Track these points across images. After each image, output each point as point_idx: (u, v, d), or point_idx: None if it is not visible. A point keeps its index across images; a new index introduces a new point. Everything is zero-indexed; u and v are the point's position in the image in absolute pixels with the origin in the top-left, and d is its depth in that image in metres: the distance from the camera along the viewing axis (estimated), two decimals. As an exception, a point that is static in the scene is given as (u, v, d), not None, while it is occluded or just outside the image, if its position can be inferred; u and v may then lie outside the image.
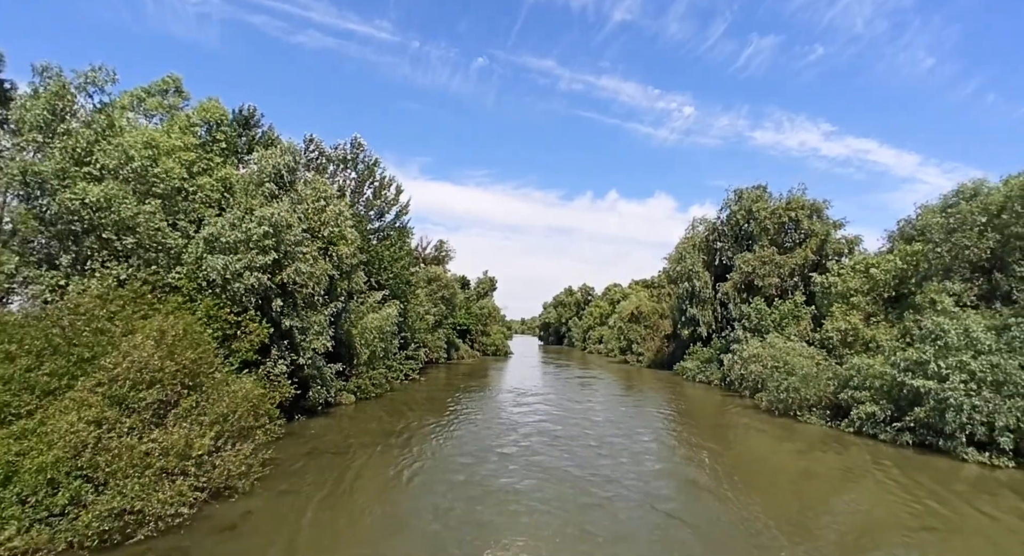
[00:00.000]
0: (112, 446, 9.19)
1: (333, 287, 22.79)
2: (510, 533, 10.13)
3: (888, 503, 12.65)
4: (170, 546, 8.85)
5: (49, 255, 16.81)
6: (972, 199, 23.39)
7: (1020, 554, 9.87)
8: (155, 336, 11.30)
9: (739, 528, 10.78)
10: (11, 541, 7.55)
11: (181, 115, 20.16)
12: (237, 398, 12.33)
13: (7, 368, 9.61)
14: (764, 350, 28.19)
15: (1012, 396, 15.22)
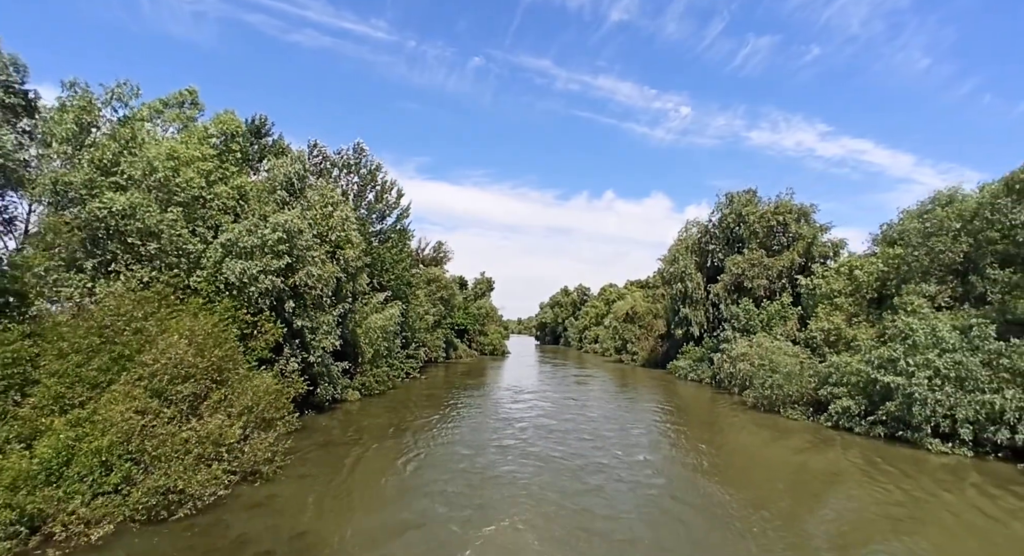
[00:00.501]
0: (157, 433, 10.33)
1: (340, 289, 23.92)
2: (511, 510, 11.31)
3: (861, 486, 13.88)
4: (210, 521, 10.01)
5: (74, 259, 17.89)
6: (947, 205, 24.69)
7: (974, 525, 11.08)
8: (187, 335, 12.43)
9: (724, 506, 12.00)
10: (75, 513, 8.68)
11: (199, 127, 21.28)
12: (259, 392, 13.49)
13: (61, 364, 10.74)
14: (751, 349, 29.45)
15: (972, 391, 16.49)
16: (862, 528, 11.03)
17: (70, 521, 8.55)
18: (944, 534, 10.80)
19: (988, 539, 10.57)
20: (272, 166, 21.20)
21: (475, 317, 67.74)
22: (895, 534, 10.72)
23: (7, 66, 15.80)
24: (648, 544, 9.82)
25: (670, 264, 49.12)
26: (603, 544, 9.76)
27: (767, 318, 33.32)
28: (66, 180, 17.06)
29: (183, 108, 21.80)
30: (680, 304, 46.28)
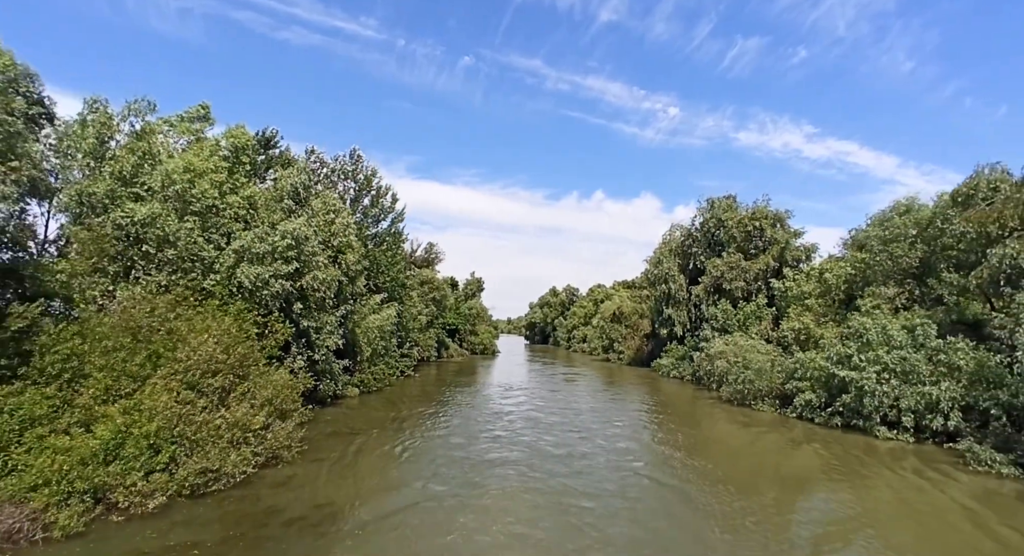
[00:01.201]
0: (194, 420, 11.85)
1: (341, 291, 25.42)
2: (502, 485, 12.98)
3: (816, 466, 15.76)
4: (242, 495, 11.56)
5: (94, 264, 19.22)
6: (905, 214, 26.75)
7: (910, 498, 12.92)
8: (215, 335, 13.94)
9: (695, 483, 13.78)
10: (136, 485, 10.20)
11: (211, 140, 22.64)
12: (277, 386, 15.02)
13: (107, 359, 12.20)
14: (728, 347, 31.37)
15: (914, 383, 18.45)
16: (827, 494, 12.87)
17: (130, 493, 10.06)
18: (879, 496, 12.66)
19: (910, 499, 12.47)
20: (280, 177, 22.64)
21: (466, 317, 69.26)
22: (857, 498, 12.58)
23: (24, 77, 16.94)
24: (625, 515, 11.50)
25: (655, 266, 50.99)
26: (584, 513, 11.46)
27: (743, 318, 35.32)
28: (90, 191, 18.45)
29: (195, 122, 23.15)
30: (664, 305, 48.19)
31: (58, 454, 9.74)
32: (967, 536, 10.67)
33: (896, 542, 10.25)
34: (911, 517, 11.80)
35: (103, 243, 15.76)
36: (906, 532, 10.82)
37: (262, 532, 9.81)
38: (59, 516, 9.09)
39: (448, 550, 9.38)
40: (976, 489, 13.61)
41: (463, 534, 10.06)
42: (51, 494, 9.27)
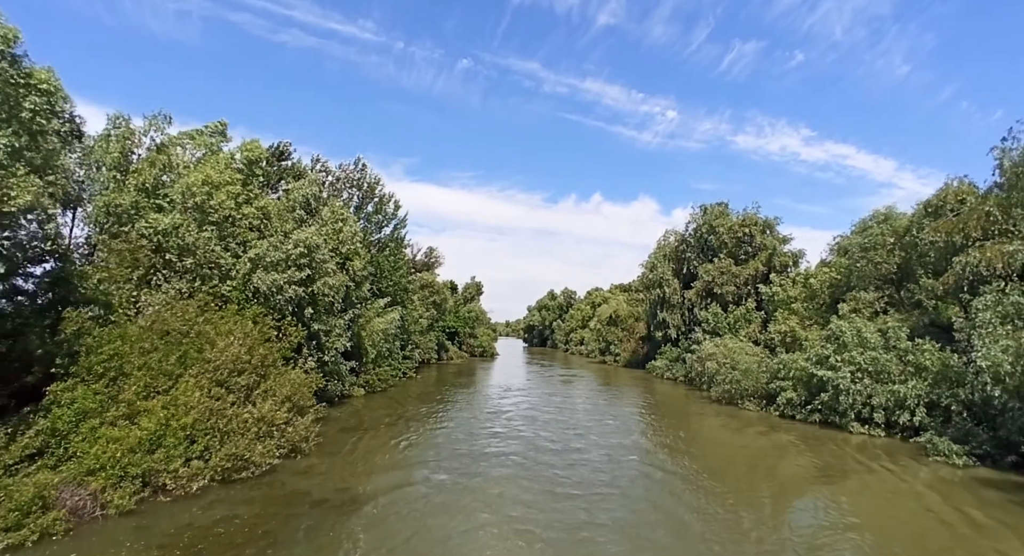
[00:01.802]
0: (225, 414, 13.15)
1: (348, 296, 26.72)
2: (499, 472, 14.29)
3: (793, 459, 17.09)
4: (269, 481, 12.86)
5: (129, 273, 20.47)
6: (883, 223, 28.17)
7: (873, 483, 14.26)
8: (240, 337, 15.24)
9: (682, 472, 15.10)
10: (178, 471, 11.49)
11: (225, 153, 23.95)
12: (295, 384, 16.32)
13: (146, 359, 13.48)
14: (717, 349, 32.71)
15: (885, 382, 19.81)
16: (796, 483, 14.23)
17: (175, 477, 11.36)
18: (847, 483, 14.00)
19: (872, 484, 13.82)
20: (292, 188, 23.97)
21: (465, 320, 70.51)
22: (820, 484, 13.91)
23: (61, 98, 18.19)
24: (613, 500, 12.77)
25: (650, 270, 52.35)
26: (575, 498, 12.77)
27: (733, 321, 36.71)
28: (116, 202, 19.74)
29: (213, 136, 24.47)
30: (658, 308, 49.52)
31: (110, 443, 11.04)
32: (914, 513, 12.04)
33: (855, 517, 11.58)
34: (872, 499, 13.14)
35: (138, 254, 17.00)
36: (866, 510, 12.15)
37: (291, 510, 11.12)
38: (114, 496, 10.39)
39: (452, 526, 10.68)
40: (930, 476, 14.99)
41: (465, 513, 11.37)
42: (107, 477, 10.56)
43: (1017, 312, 16.14)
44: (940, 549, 10.18)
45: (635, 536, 10.46)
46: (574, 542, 10.04)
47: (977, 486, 14.29)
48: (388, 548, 9.48)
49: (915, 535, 10.84)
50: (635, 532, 10.68)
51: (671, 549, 9.98)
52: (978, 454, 15.94)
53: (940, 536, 10.85)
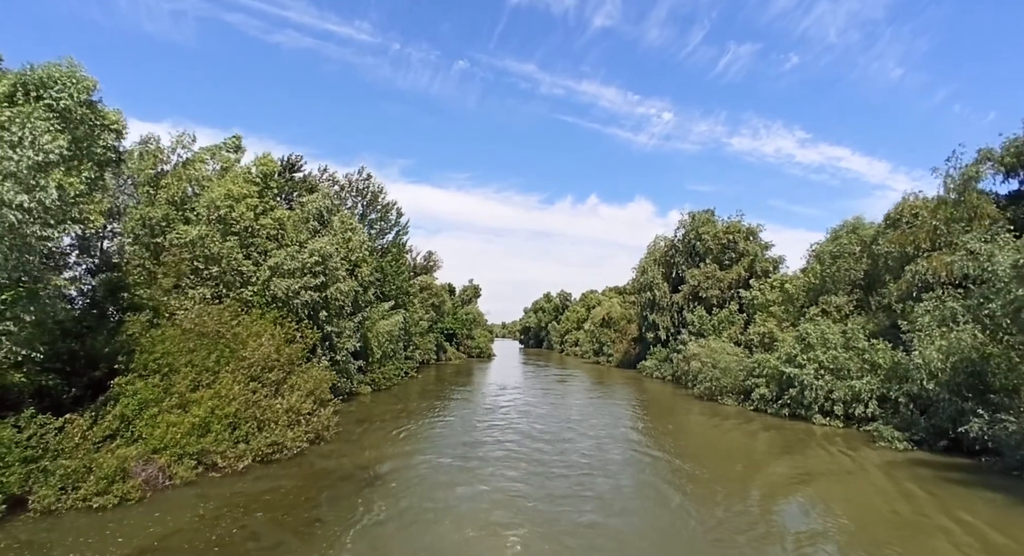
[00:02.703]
0: (261, 404, 15.21)
1: (357, 300, 28.77)
2: (496, 456, 16.40)
3: (769, 445, 19.27)
4: (300, 462, 14.93)
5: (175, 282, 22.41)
6: (851, 233, 30.45)
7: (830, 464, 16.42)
8: (268, 338, 17.30)
9: (665, 458, 17.23)
10: (226, 452, 13.54)
11: (242, 168, 25.99)
12: (316, 379, 18.39)
13: (191, 357, 15.51)
14: (701, 350, 34.90)
15: (844, 378, 22.03)
16: (770, 468, 16.42)
17: (225, 457, 13.42)
18: (807, 463, 16.18)
19: (828, 463, 16.00)
20: (307, 201, 26.03)
21: (463, 322, 72.54)
22: (785, 466, 16.10)
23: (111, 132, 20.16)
24: (597, 478, 14.87)
25: (641, 274, 54.57)
26: (564, 477, 14.89)
27: (717, 323, 38.94)
28: (149, 215, 21.76)
29: (231, 151, 26.51)
30: (649, 311, 51.75)
31: (169, 427, 13.08)
32: (861, 487, 14.27)
33: (812, 491, 13.76)
34: (828, 477, 15.29)
35: (181, 265, 19.02)
36: (822, 486, 14.33)
37: (322, 483, 13.20)
38: (178, 470, 12.44)
39: (455, 495, 12.75)
40: (877, 459, 17.18)
41: (466, 486, 13.44)
42: (169, 455, 12.61)
43: (952, 316, 18.38)
44: (878, 513, 12.31)
45: (615, 504, 12.55)
46: (560, 507, 12.14)
47: (913, 466, 16.49)
48: (402, 511, 11.56)
49: (860, 503, 12.99)
50: (615, 502, 12.76)
51: (649, 513, 12.08)
52: (916, 440, 18.16)
53: (880, 503, 12.98)
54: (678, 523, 11.41)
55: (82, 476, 10.87)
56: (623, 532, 10.73)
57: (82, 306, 14.97)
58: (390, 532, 10.31)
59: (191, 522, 10.34)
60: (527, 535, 10.35)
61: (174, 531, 9.85)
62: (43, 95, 11.91)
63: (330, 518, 10.95)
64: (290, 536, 9.82)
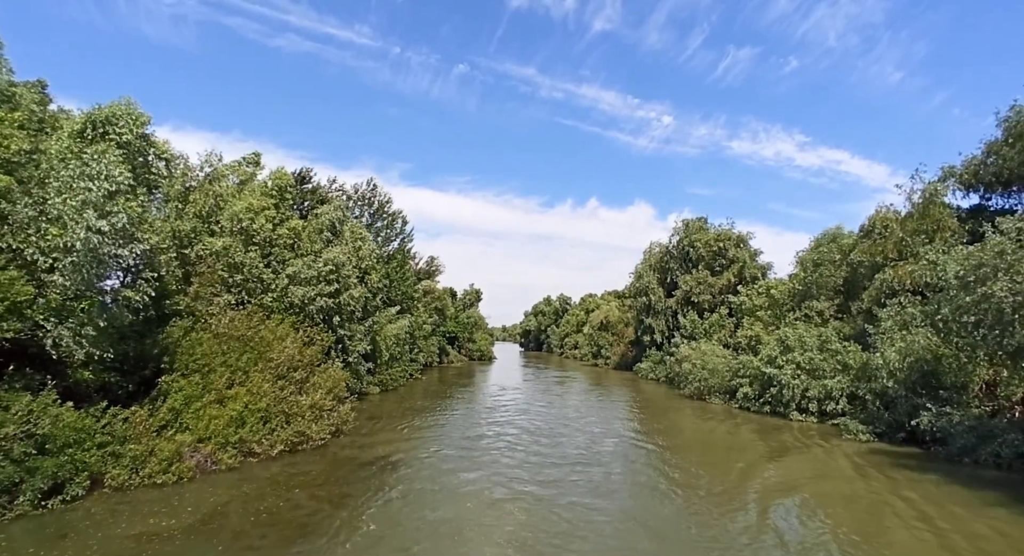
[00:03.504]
0: (288, 400, 17.08)
1: (367, 305, 30.65)
2: (496, 446, 18.25)
3: (749, 439, 21.10)
4: (323, 452, 16.80)
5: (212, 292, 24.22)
6: (831, 242, 32.33)
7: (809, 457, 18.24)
8: (292, 341, 19.18)
9: (655, 450, 19.06)
10: (261, 441, 15.40)
11: (259, 182, 27.92)
12: (335, 379, 20.26)
13: (225, 358, 17.38)
14: (692, 352, 36.74)
15: (819, 378, 23.88)
16: (749, 458, 18.26)
17: (262, 445, 15.28)
18: (787, 454, 18.01)
19: (808, 456, 17.83)
20: (320, 212, 27.98)
21: (465, 326, 74.39)
22: (763, 455, 17.95)
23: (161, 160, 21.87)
24: (589, 466, 16.70)
25: (637, 279, 56.44)
26: (557, 465, 16.73)
27: (708, 327, 40.79)
28: (179, 229, 23.67)
29: (250, 166, 28.46)
30: (644, 315, 53.59)
31: (212, 419, 14.95)
32: (830, 471, 16.11)
33: (786, 475, 15.62)
34: (800, 463, 17.15)
35: (214, 275, 20.91)
36: (794, 469, 16.18)
37: (345, 468, 15.07)
38: (223, 456, 14.31)
39: (460, 478, 14.57)
40: (844, 449, 19.04)
41: (469, 471, 15.26)
42: (214, 444, 14.47)
43: (911, 321, 20.25)
44: (839, 491, 14.23)
45: (603, 487, 14.38)
46: (554, 490, 13.97)
47: (873, 454, 18.33)
48: (414, 489, 13.41)
49: (825, 484, 14.91)
50: (604, 485, 14.58)
51: (636, 495, 13.89)
52: (878, 432, 20.00)
53: (841, 484, 14.88)
54: (665, 501, 13.25)
55: (146, 459, 12.76)
56: (611, 509, 12.55)
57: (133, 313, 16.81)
58: (405, 503, 12.18)
59: (240, 496, 12.21)
60: (524, 508, 12.19)
61: (228, 502, 11.72)
62: (108, 131, 13.84)
63: (356, 493, 12.83)
64: (326, 505, 11.69)
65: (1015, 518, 12.01)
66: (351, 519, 11.06)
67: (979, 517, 12.14)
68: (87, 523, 10.20)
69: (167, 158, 15.34)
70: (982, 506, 12.91)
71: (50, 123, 15.51)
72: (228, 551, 9.16)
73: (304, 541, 9.84)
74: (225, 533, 9.95)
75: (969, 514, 12.37)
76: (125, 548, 9.11)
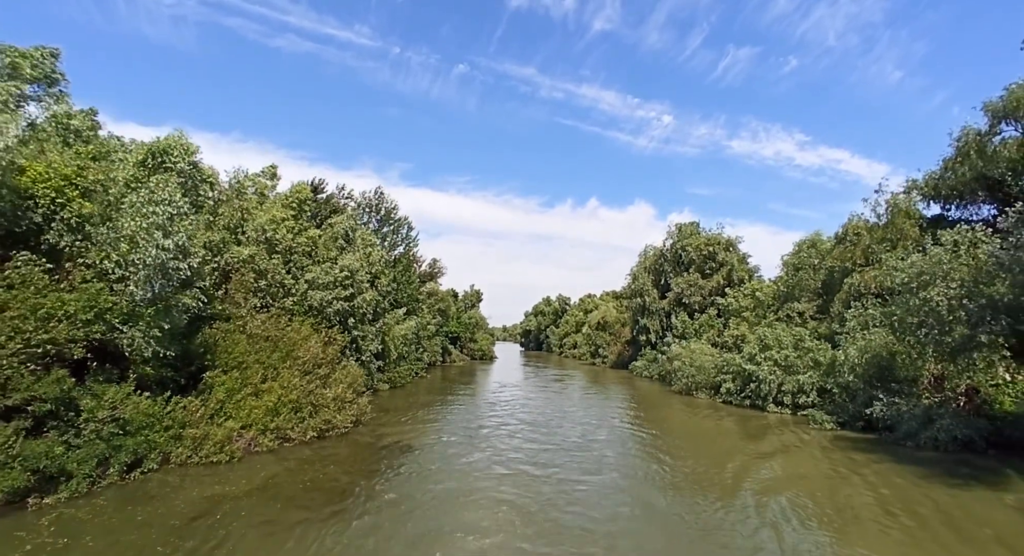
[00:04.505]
0: (315, 393, 19.36)
1: (377, 307, 32.93)
2: (498, 438, 20.53)
3: (733, 431, 23.38)
4: (346, 439, 19.07)
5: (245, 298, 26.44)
6: (811, 247, 34.61)
7: (777, 438, 20.49)
8: (315, 340, 21.47)
9: (645, 439, 21.33)
10: (292, 430, 17.69)
11: (280, 194, 30.22)
12: (353, 375, 22.54)
13: (259, 356, 19.65)
14: (682, 351, 39.00)
15: (793, 373, 26.14)
16: (731, 449, 20.53)
17: (295, 431, 17.57)
18: (763, 440, 20.28)
19: (781, 443, 20.10)
20: (334, 222, 30.29)
21: (467, 326, 76.68)
22: (743, 441, 20.22)
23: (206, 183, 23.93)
24: (583, 451, 18.96)
25: (633, 281, 58.72)
26: (553, 450, 19.01)
27: (698, 327, 43.06)
28: (211, 239, 25.95)
29: (269, 179, 30.77)
30: (639, 315, 55.87)
31: (252, 409, 17.23)
32: (799, 454, 18.36)
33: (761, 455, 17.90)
34: (772, 446, 19.39)
35: (248, 284, 23.20)
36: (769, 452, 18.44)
37: (368, 451, 17.36)
38: (262, 440, 16.59)
39: (466, 458, 16.83)
40: (812, 436, 21.31)
41: (474, 454, 17.52)
42: (255, 430, 16.75)
43: (872, 321, 22.51)
44: (804, 468, 16.49)
45: (592, 470, 16.62)
46: (548, 470, 16.22)
47: (836, 440, 20.61)
48: (427, 467, 15.68)
49: (794, 463, 17.14)
50: (594, 469, 16.80)
51: (630, 469, 16.13)
52: (841, 421, 22.27)
53: (807, 463, 17.14)
54: (655, 476, 15.51)
55: (202, 441, 15.05)
56: (599, 482, 14.78)
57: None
58: (417, 478, 14.46)
59: (284, 471, 14.50)
60: (520, 482, 14.46)
61: (275, 475, 14.02)
62: (164, 160, 16.14)
63: (377, 470, 15.12)
64: (358, 478, 13.99)
65: (941, 486, 14.34)
66: (375, 488, 13.36)
67: (914, 486, 14.49)
68: (166, 489, 12.49)
69: (211, 182, 17.59)
70: (916, 478, 15.21)
71: (102, 148, 17.86)
72: (286, 508, 11.44)
73: (341, 502, 12.13)
74: (280, 496, 12.24)
75: (906, 483, 14.73)
76: (204, 506, 11.40)
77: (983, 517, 12.05)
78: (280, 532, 10.10)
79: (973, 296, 16.85)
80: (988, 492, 14.00)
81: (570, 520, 11.46)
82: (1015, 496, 13.67)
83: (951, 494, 13.76)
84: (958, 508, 12.65)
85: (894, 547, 10.32)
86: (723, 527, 11.31)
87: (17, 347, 11.55)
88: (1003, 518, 12.06)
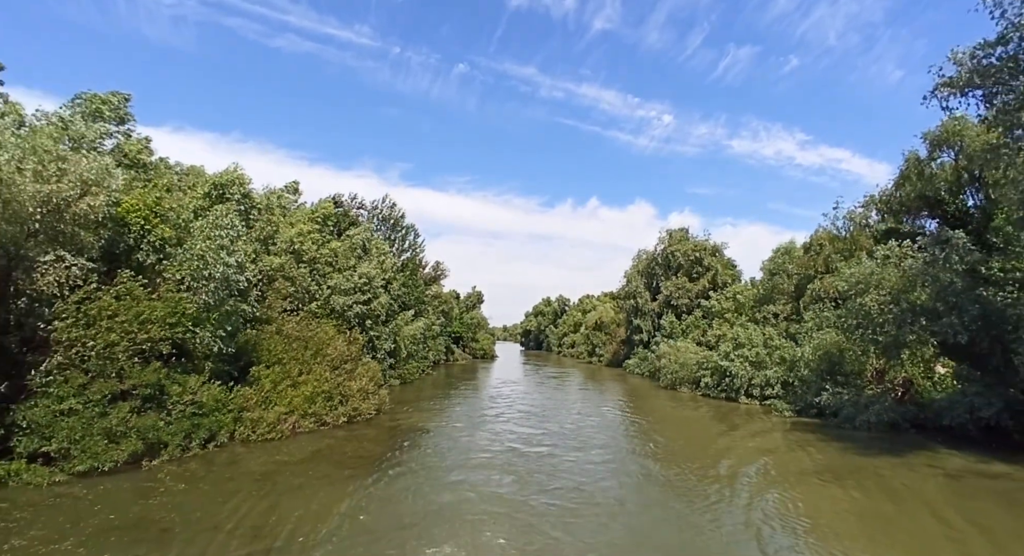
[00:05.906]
0: (343, 385, 22.68)
1: (389, 310, 36.25)
2: (498, 424, 23.84)
3: (707, 418, 26.67)
4: (372, 423, 22.39)
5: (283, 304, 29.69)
6: (785, 254, 37.89)
7: (745, 424, 23.76)
8: (342, 340, 24.81)
9: (632, 429, 24.63)
10: (327, 415, 21.01)
11: (305, 207, 33.53)
12: (373, 370, 25.86)
13: (294, 354, 22.94)
14: (669, 349, 42.29)
15: (761, 369, 29.43)
16: (703, 432, 23.82)
17: (328, 416, 20.90)
18: (733, 426, 23.55)
19: (750, 427, 23.37)
20: (353, 234, 33.66)
21: (468, 326, 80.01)
22: (718, 425, 23.54)
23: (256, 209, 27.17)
24: (577, 436, 22.25)
25: (627, 283, 62.08)
26: (550, 435, 22.32)
27: (685, 327, 46.35)
28: (247, 250, 29.25)
29: (291, 193, 34.08)
30: (633, 316, 59.18)
31: (292, 398, 20.53)
32: (764, 436, 21.65)
33: (731, 438, 21.19)
34: (742, 431, 22.68)
35: (284, 290, 26.53)
36: (738, 435, 21.73)
37: (391, 433, 20.68)
38: (303, 424, 19.91)
39: (471, 439, 20.12)
40: (774, 423, 24.62)
41: (478, 437, 20.82)
42: (298, 415, 20.06)
43: (825, 322, 25.80)
44: (765, 447, 19.74)
45: (583, 452, 19.91)
46: (545, 447, 19.52)
47: (793, 425, 23.91)
48: (440, 444, 18.98)
49: (758, 444, 20.43)
50: (584, 452, 20.05)
51: (617, 456, 19.40)
52: (798, 410, 25.57)
53: (767, 442, 20.44)
54: (635, 454, 18.81)
55: (257, 422, 18.37)
56: (588, 458, 18.05)
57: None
58: (433, 452, 17.77)
59: (327, 446, 17.83)
60: (518, 455, 17.76)
61: (320, 449, 17.35)
62: (224, 191, 19.46)
63: (400, 447, 18.45)
64: (388, 450, 17.33)
65: (866, 458, 17.70)
66: (402, 456, 16.72)
67: (841, 454, 17.91)
68: (238, 457, 15.83)
69: (259, 208, 20.88)
70: (845, 452, 18.56)
71: (161, 178, 21.20)
72: (337, 468, 14.78)
73: (379, 465, 15.46)
74: (331, 461, 15.58)
75: (836, 453, 18.18)
76: (273, 467, 14.72)
77: (878, 467, 15.68)
78: (337, 482, 13.43)
79: (899, 302, 20.14)
80: (892, 456, 17.57)
81: (561, 483, 14.76)
82: (904, 458, 17.27)
83: (865, 457, 17.27)
84: (869, 465, 16.10)
85: (822, 489, 13.89)
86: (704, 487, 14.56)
87: (127, 345, 14.86)
88: (889, 468, 15.56)
